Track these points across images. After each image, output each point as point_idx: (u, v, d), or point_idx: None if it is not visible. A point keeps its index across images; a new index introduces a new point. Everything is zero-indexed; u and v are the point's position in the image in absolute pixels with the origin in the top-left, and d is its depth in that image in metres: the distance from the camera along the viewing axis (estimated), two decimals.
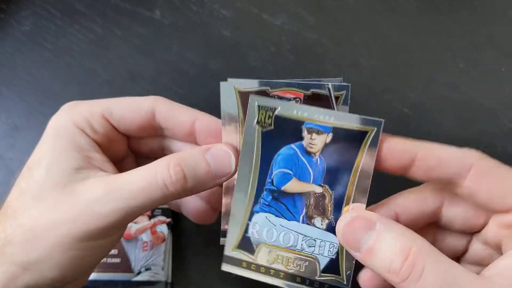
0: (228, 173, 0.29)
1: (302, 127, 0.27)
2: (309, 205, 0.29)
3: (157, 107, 0.31)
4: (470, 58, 0.48)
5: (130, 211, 0.27)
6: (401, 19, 0.49)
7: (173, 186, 0.27)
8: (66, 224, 0.26)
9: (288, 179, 0.28)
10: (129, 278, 0.41)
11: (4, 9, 0.50)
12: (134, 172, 0.28)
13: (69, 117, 0.30)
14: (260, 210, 0.29)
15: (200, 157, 0.28)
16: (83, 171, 0.28)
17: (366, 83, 0.47)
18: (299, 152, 0.28)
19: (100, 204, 0.27)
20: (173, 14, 0.50)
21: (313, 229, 0.29)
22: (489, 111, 0.46)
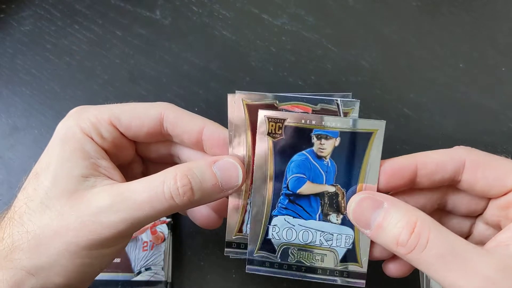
0: (235, 185, 0.29)
1: (311, 134, 0.30)
2: (324, 204, 0.31)
3: (165, 115, 0.31)
4: (470, 58, 0.48)
5: (136, 221, 0.27)
6: (401, 19, 0.50)
7: (179, 199, 0.27)
8: (73, 232, 0.27)
9: (303, 182, 0.30)
10: (129, 278, 0.41)
11: (4, 9, 0.50)
12: (141, 182, 0.28)
13: (77, 123, 0.30)
14: (278, 213, 0.31)
15: (207, 169, 0.29)
16: (90, 179, 0.28)
17: (366, 83, 0.47)
18: (311, 157, 0.30)
19: (107, 213, 0.27)
20: (173, 14, 0.50)
21: (329, 224, 0.31)
22: (489, 111, 0.46)
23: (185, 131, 0.31)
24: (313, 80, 0.47)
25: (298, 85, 0.47)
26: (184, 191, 0.27)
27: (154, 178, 0.28)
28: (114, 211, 0.27)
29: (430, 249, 0.25)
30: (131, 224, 0.27)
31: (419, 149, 0.46)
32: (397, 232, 0.26)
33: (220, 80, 0.47)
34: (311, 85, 0.47)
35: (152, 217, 0.28)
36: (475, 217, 0.32)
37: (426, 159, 0.29)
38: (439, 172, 0.29)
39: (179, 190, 0.27)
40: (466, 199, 0.31)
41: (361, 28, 0.49)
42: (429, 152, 0.29)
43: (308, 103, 0.30)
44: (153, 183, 0.28)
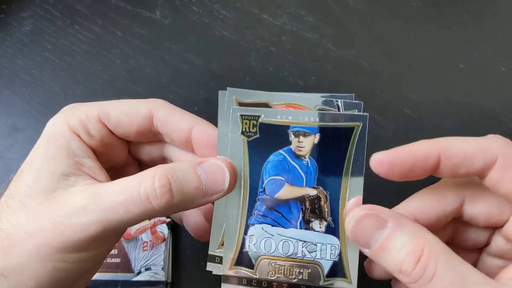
0: (221, 190, 0.27)
1: (288, 131, 0.27)
2: (305, 209, 0.28)
3: (155, 111, 0.30)
4: (471, 59, 0.48)
5: (109, 225, 0.25)
6: (402, 19, 0.49)
7: (156, 201, 0.25)
8: (45, 233, 0.25)
9: (281, 185, 0.28)
10: (129, 278, 0.41)
11: (4, 9, 0.50)
12: (119, 182, 0.26)
13: (65, 120, 0.29)
14: (255, 221, 0.28)
15: (190, 170, 0.26)
16: (71, 178, 0.27)
17: (367, 83, 0.47)
18: (289, 157, 0.28)
19: (80, 215, 0.25)
20: (173, 14, 0.50)
21: (312, 233, 0.28)
22: (490, 112, 0.46)
23: (174, 130, 0.30)
24: (313, 80, 0.47)
25: (298, 85, 0.47)
26: (162, 192, 0.25)
27: (132, 178, 0.26)
28: (87, 213, 0.25)
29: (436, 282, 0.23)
30: (104, 228, 0.25)
31: None
32: (400, 259, 0.24)
33: (220, 80, 0.47)
34: (311, 85, 0.47)
35: (127, 222, 0.26)
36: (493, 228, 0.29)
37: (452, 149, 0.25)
38: (465, 166, 0.25)
39: (156, 191, 0.25)
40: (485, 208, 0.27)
41: (361, 28, 0.49)
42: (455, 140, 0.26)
43: (305, 103, 0.28)
44: (130, 183, 0.26)
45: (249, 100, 0.28)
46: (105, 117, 0.29)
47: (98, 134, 0.29)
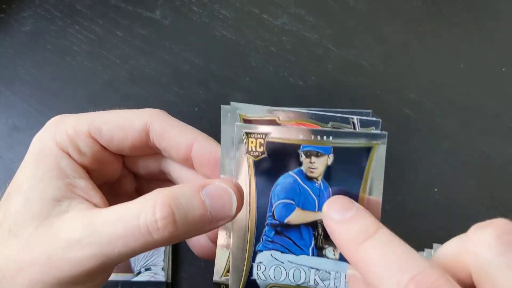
0: (228, 216, 0.24)
1: (299, 151, 0.25)
2: (318, 235, 0.26)
3: (151, 125, 0.27)
4: (470, 58, 0.48)
5: (108, 259, 0.23)
6: (402, 19, 0.49)
7: (158, 234, 0.23)
8: (39, 268, 0.23)
9: (291, 209, 0.26)
10: (129, 278, 0.41)
11: (4, 9, 0.50)
12: (116, 209, 0.24)
13: (53, 136, 0.26)
14: (263, 248, 0.26)
15: (194, 195, 0.24)
16: (64, 202, 0.25)
17: (366, 83, 0.47)
18: (299, 179, 0.25)
19: (75, 249, 0.23)
20: (174, 14, 0.50)
21: (325, 260, 0.26)
22: (490, 111, 0.46)
23: (172, 146, 0.27)
24: (313, 80, 0.47)
25: (298, 85, 0.47)
26: (165, 224, 0.23)
27: (130, 206, 0.24)
28: (83, 246, 0.23)
29: None
30: (102, 262, 0.23)
31: (419, 150, 0.46)
32: None
33: (220, 80, 0.47)
34: (311, 85, 0.47)
35: (126, 255, 0.23)
36: None
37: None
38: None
39: (158, 223, 0.23)
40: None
41: (361, 28, 0.49)
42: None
43: (317, 120, 0.25)
44: (128, 212, 0.23)
45: (255, 116, 0.26)
46: (96, 132, 0.27)
47: (90, 151, 0.27)
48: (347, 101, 0.47)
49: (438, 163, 0.45)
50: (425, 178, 0.45)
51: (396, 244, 0.21)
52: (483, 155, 0.45)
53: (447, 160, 0.45)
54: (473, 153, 0.45)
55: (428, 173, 0.45)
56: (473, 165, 0.45)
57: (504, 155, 0.45)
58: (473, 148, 0.45)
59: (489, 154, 0.45)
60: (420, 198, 0.44)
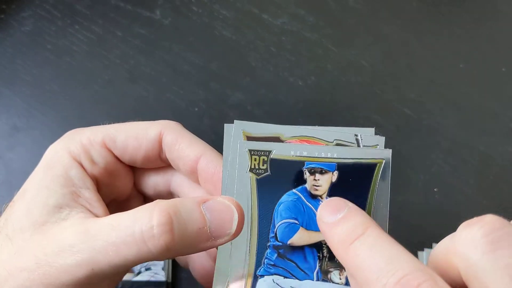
0: (228, 234, 0.23)
1: (303, 168, 0.24)
2: (323, 257, 0.25)
3: (164, 135, 0.27)
4: (470, 58, 0.48)
5: (98, 268, 0.22)
6: (401, 19, 0.50)
7: (152, 242, 0.22)
8: (26, 274, 0.23)
9: (295, 230, 0.25)
10: (129, 278, 0.41)
11: (4, 9, 0.50)
12: (113, 217, 0.23)
13: (66, 146, 0.26)
14: (265, 273, 0.25)
15: (195, 209, 0.23)
16: (65, 210, 0.24)
17: (366, 83, 0.47)
18: (303, 197, 0.25)
19: (65, 255, 0.22)
20: (173, 14, 0.50)
21: (331, 285, 0.24)
22: (489, 111, 0.46)
23: (181, 157, 0.27)
24: (313, 80, 0.47)
25: (298, 86, 0.47)
26: (161, 231, 0.21)
27: (127, 213, 0.23)
28: (73, 252, 0.22)
29: None
30: (92, 271, 0.22)
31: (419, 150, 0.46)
32: None
33: (220, 80, 0.47)
34: (311, 85, 0.47)
35: (117, 265, 0.22)
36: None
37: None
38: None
39: (154, 230, 0.21)
40: None
41: (361, 28, 0.49)
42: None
43: (321, 137, 0.25)
44: (124, 220, 0.22)
45: (259, 134, 0.25)
46: (110, 141, 0.27)
47: (103, 161, 0.27)
48: (347, 101, 0.47)
49: (438, 163, 0.45)
50: (425, 178, 0.45)
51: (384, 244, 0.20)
52: (483, 155, 0.45)
53: (447, 160, 0.45)
54: (473, 153, 0.45)
55: (428, 173, 0.45)
56: (473, 165, 0.45)
57: (504, 155, 0.45)
58: (472, 148, 0.45)
59: (489, 154, 0.45)
60: (420, 198, 0.44)
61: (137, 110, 0.47)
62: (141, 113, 0.46)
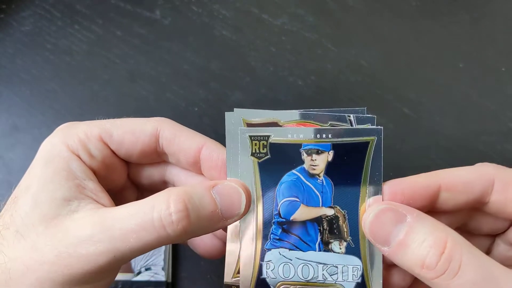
0: (237, 214, 0.26)
1: (301, 150, 0.26)
2: (323, 230, 0.27)
3: (161, 131, 0.28)
4: (470, 58, 0.48)
5: (120, 254, 0.23)
6: (401, 19, 0.50)
7: (172, 228, 0.23)
8: (48, 266, 0.23)
9: (296, 207, 0.27)
10: (129, 278, 0.41)
11: (4, 9, 0.50)
12: (128, 207, 0.24)
13: (63, 140, 0.27)
14: (271, 246, 0.27)
15: (205, 193, 0.25)
16: (73, 202, 0.25)
17: (366, 83, 0.47)
18: (302, 176, 0.27)
19: (86, 245, 0.23)
20: (173, 14, 0.50)
21: (332, 255, 0.27)
22: (489, 111, 0.46)
23: (182, 149, 0.28)
24: (313, 80, 0.47)
25: (298, 85, 0.47)
26: (179, 218, 0.23)
27: (144, 202, 0.24)
28: (94, 242, 0.23)
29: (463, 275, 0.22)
30: (114, 258, 0.23)
31: (419, 149, 0.46)
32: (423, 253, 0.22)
33: (220, 80, 0.47)
34: (311, 84, 0.47)
35: (138, 250, 0.24)
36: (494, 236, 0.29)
37: (452, 177, 0.25)
38: (466, 193, 0.25)
39: (172, 217, 0.23)
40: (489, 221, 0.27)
41: (361, 28, 0.49)
42: (452, 170, 0.26)
43: (316, 120, 0.27)
44: (141, 208, 0.24)
45: (257, 120, 0.27)
46: (107, 136, 0.27)
47: (100, 155, 0.27)
48: (347, 101, 0.47)
49: (437, 163, 0.45)
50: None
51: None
52: (482, 155, 0.45)
53: (446, 159, 0.45)
54: (472, 153, 0.45)
55: None
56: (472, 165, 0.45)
57: (503, 154, 0.45)
58: (472, 148, 0.45)
59: (488, 153, 0.45)
60: None
61: (137, 110, 0.47)
62: (141, 113, 0.46)
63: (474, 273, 0.22)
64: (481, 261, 0.22)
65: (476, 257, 0.22)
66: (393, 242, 0.23)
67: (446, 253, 0.22)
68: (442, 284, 0.22)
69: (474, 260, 0.22)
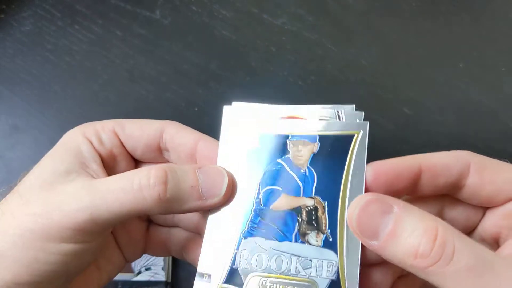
0: (218, 195, 0.26)
1: (287, 140, 0.27)
2: (301, 221, 0.26)
3: (166, 127, 0.30)
4: (470, 58, 0.48)
5: (97, 213, 0.25)
6: (401, 19, 0.50)
7: (148, 191, 0.25)
8: (31, 217, 0.25)
9: (277, 195, 0.27)
10: (129, 277, 0.41)
11: (4, 9, 0.50)
12: (116, 175, 0.26)
13: (81, 129, 0.29)
14: (248, 235, 0.26)
15: (189, 169, 0.26)
16: (73, 175, 0.27)
17: (366, 83, 0.47)
18: (287, 166, 0.27)
19: (69, 201, 0.25)
20: (173, 14, 0.50)
21: (307, 247, 0.26)
22: (489, 111, 0.46)
23: (181, 143, 0.30)
24: (313, 80, 0.47)
25: (298, 85, 0.47)
26: (156, 182, 0.25)
27: (128, 172, 0.26)
28: (76, 199, 0.25)
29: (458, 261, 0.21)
30: (91, 215, 0.25)
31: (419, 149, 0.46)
32: (415, 241, 0.22)
33: (220, 80, 0.47)
34: (311, 84, 0.47)
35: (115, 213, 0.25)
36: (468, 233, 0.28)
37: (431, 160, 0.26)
38: (444, 175, 0.25)
39: (150, 181, 0.25)
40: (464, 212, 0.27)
41: (361, 28, 0.49)
42: (431, 154, 0.26)
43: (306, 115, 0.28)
44: (125, 174, 0.26)
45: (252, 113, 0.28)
46: (119, 128, 0.30)
47: (109, 143, 0.29)
48: (347, 101, 0.47)
49: None
50: None
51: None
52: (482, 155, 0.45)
53: None
54: None
55: None
56: None
57: (503, 154, 0.45)
58: (472, 148, 0.45)
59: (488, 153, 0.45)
60: None
61: (137, 109, 0.47)
62: (141, 113, 0.46)
63: (468, 258, 0.21)
64: (473, 247, 0.22)
65: (468, 243, 0.22)
66: (382, 234, 0.23)
67: (439, 240, 0.22)
68: (437, 271, 0.22)
69: (466, 246, 0.22)
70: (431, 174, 0.26)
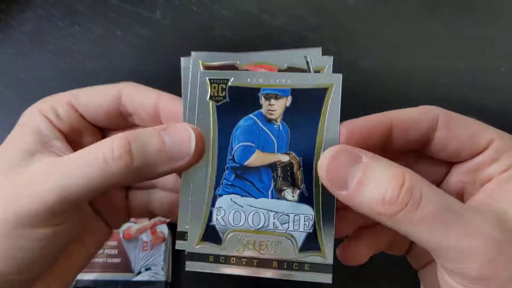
0: (187, 154, 0.25)
1: (259, 94, 0.26)
2: (277, 177, 0.26)
3: (124, 90, 0.29)
4: (470, 58, 0.48)
5: (66, 192, 0.24)
6: (401, 19, 0.49)
7: (114, 163, 0.24)
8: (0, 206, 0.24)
9: (251, 152, 0.26)
10: (129, 278, 0.41)
11: (4, 10, 0.50)
12: (82, 150, 0.25)
13: (37, 106, 0.29)
14: (223, 192, 0.26)
15: (153, 133, 0.25)
16: (38, 155, 0.26)
17: (366, 83, 0.47)
18: (259, 121, 0.26)
19: (37, 184, 0.24)
20: (173, 14, 0.50)
21: (284, 203, 0.26)
22: (489, 111, 0.46)
23: (141, 106, 0.29)
24: None
25: None
26: (120, 153, 0.24)
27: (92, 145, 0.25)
28: (44, 180, 0.24)
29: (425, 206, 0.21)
30: (60, 195, 0.24)
31: None
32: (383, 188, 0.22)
33: None
34: None
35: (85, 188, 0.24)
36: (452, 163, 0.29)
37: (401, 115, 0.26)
38: (414, 128, 0.26)
39: (114, 152, 0.24)
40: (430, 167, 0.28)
41: (361, 28, 0.49)
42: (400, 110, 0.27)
43: (274, 61, 0.26)
44: (89, 148, 0.25)
45: (216, 63, 0.27)
46: (74, 100, 0.29)
47: (67, 117, 0.28)
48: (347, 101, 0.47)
49: None
50: None
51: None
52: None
53: None
54: None
55: None
56: None
57: None
58: None
59: None
60: None
61: None
62: None
63: (436, 204, 0.22)
64: (441, 194, 0.22)
65: (435, 190, 0.22)
66: (351, 183, 0.23)
67: (406, 185, 0.22)
68: (405, 218, 0.22)
69: (434, 192, 0.22)
70: (402, 129, 0.26)
